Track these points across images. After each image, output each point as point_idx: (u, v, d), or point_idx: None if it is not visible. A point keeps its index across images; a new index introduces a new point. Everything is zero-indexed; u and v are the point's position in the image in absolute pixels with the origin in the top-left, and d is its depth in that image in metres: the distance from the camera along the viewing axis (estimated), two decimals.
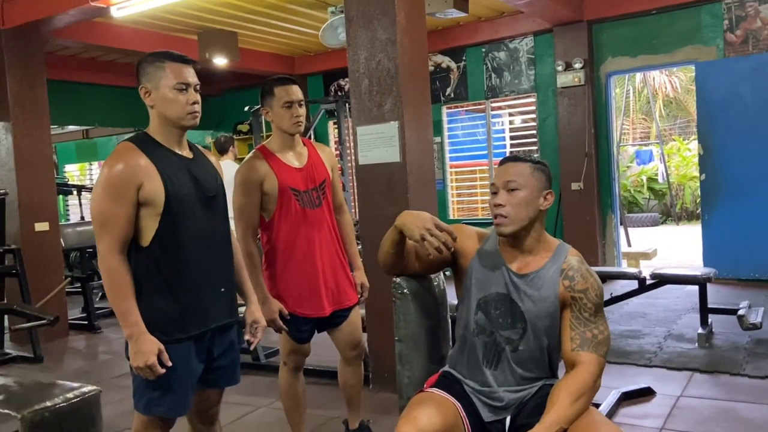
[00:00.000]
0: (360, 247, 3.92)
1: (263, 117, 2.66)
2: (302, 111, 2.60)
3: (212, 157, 2.13)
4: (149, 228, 1.88)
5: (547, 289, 1.77)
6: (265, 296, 2.58)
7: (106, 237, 1.83)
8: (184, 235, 1.91)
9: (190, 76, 1.94)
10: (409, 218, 1.79)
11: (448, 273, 2.16)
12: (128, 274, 1.86)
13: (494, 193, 1.84)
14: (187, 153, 2.01)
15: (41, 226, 5.63)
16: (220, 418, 2.25)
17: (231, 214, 2.51)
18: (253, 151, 2.65)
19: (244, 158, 2.71)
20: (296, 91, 2.60)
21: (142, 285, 1.88)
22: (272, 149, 2.62)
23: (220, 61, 6.58)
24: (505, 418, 1.78)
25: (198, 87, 1.96)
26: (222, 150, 6.03)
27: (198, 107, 1.95)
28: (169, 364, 1.85)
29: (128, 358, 1.91)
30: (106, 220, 1.83)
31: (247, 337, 2.15)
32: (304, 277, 2.60)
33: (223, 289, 2.04)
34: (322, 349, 4.13)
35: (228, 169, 5.91)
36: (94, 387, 2.44)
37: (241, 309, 2.19)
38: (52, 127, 6.17)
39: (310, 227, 2.60)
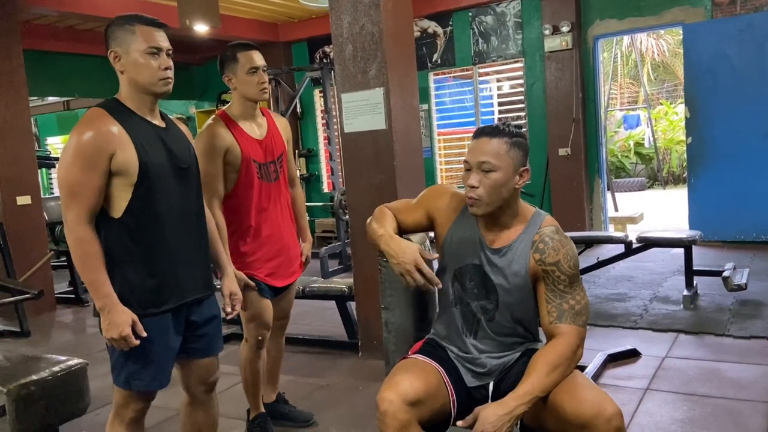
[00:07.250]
0: (347, 217, 3.90)
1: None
2: (266, 77, 2.55)
3: (184, 127, 2.05)
4: (121, 198, 1.80)
5: (518, 264, 1.75)
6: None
7: (74, 207, 1.75)
8: (159, 207, 1.84)
9: (162, 40, 1.85)
10: (395, 250, 1.77)
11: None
12: (98, 245, 1.80)
13: (468, 170, 1.75)
14: (159, 122, 1.92)
15: (23, 200, 5.56)
16: None
17: None
18: (213, 117, 2.55)
19: None
20: (260, 57, 2.54)
21: (115, 258, 1.82)
22: (233, 116, 2.55)
23: (201, 28, 6.39)
24: (488, 384, 1.78)
25: (170, 52, 1.88)
26: None
27: (171, 73, 1.87)
28: (144, 334, 1.81)
29: (101, 332, 1.87)
30: (75, 189, 1.75)
31: (227, 309, 2.11)
32: (263, 250, 2.57)
33: (198, 262, 1.98)
34: (311, 318, 4.15)
35: None
36: (81, 360, 2.43)
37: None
38: (31, 98, 6.02)
39: (268, 201, 2.58)
